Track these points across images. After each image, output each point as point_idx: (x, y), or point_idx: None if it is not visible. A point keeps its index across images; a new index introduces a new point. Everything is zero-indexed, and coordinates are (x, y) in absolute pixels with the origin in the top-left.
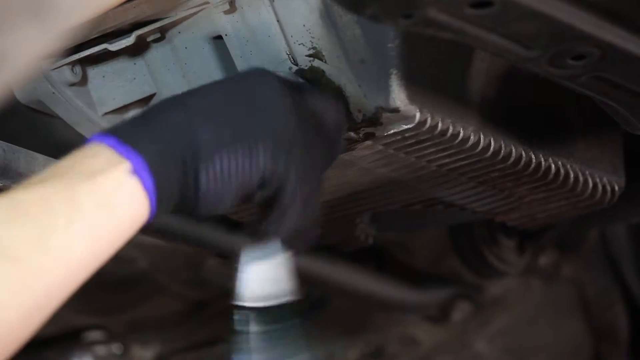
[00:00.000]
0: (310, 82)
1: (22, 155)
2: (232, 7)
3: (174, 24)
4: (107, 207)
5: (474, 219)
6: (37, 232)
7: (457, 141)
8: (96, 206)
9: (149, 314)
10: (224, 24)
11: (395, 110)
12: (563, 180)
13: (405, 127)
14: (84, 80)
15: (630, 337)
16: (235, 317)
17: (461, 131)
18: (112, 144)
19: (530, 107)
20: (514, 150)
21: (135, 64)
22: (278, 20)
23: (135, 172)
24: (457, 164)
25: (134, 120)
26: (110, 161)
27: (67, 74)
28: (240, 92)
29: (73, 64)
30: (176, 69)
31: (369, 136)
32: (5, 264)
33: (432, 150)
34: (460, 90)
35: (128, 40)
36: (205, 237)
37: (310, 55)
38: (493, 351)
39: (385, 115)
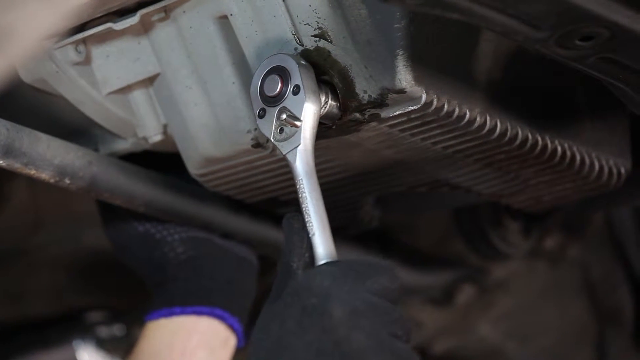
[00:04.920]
0: (315, 63)
1: (26, 135)
2: None
3: (178, 3)
4: None
5: (480, 201)
6: None
7: (463, 123)
8: None
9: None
10: (229, 3)
11: (401, 92)
12: (569, 163)
13: (411, 108)
14: (87, 60)
15: (635, 320)
16: None
17: (467, 113)
18: None
19: (537, 89)
20: (520, 132)
21: (139, 43)
22: (284, 0)
23: None
24: (463, 146)
25: None
26: None
27: (71, 53)
28: None
29: (77, 43)
30: (180, 48)
31: (375, 117)
32: None
33: (438, 132)
34: (466, 72)
35: (132, 20)
36: (208, 218)
37: (315, 36)
38: (497, 334)
39: (391, 96)
